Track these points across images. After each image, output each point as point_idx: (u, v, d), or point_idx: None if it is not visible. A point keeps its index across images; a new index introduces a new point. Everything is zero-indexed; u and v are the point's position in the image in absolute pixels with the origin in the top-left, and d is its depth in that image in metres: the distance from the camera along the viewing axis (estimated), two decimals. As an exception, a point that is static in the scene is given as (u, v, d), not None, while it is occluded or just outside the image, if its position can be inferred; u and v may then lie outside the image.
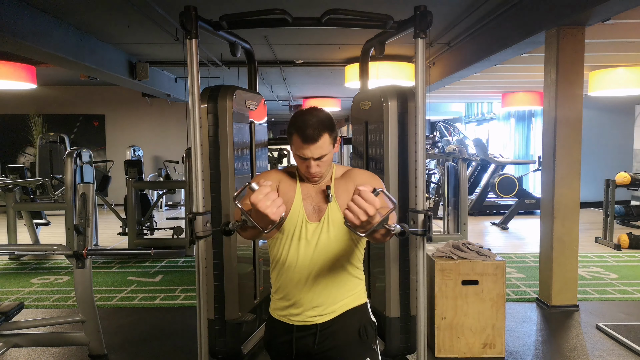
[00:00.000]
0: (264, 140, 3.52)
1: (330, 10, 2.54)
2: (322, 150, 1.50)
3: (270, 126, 17.43)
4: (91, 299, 3.13)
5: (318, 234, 1.56)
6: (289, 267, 1.58)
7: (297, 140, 1.50)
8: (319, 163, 1.52)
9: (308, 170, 1.54)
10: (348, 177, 1.63)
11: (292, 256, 1.57)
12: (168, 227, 6.71)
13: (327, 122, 1.51)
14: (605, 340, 3.51)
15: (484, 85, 8.53)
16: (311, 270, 1.56)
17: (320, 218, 1.57)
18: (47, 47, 4.66)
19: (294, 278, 1.58)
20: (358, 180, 1.62)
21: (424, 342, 2.54)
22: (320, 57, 6.92)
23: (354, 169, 1.69)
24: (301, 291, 1.57)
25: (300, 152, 1.51)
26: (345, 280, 1.61)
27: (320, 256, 1.56)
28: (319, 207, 1.58)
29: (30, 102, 10.58)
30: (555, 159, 4.07)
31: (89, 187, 3.24)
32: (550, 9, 3.87)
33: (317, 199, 1.60)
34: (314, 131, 1.47)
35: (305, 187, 1.62)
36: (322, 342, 1.58)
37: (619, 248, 6.25)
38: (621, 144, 9.85)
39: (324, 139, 1.49)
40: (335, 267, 1.58)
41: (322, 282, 1.57)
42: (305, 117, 1.50)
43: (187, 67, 2.38)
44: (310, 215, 1.58)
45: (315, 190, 1.61)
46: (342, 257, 1.59)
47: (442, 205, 7.05)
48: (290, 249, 1.57)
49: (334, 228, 1.56)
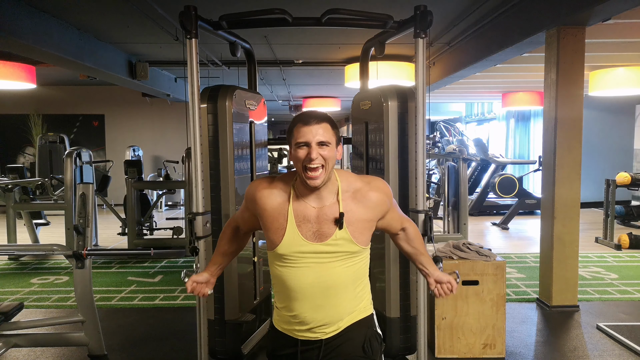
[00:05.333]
0: (264, 140, 3.52)
1: (331, 10, 2.54)
2: (324, 137, 1.44)
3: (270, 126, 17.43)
4: (91, 299, 3.12)
5: (321, 257, 1.48)
6: (291, 289, 1.51)
7: (298, 129, 1.45)
8: (321, 152, 1.43)
9: (309, 157, 1.42)
10: (362, 203, 1.51)
11: (292, 279, 1.50)
12: (168, 227, 6.70)
13: (329, 118, 1.50)
14: (606, 340, 3.51)
15: (484, 85, 8.52)
16: (315, 291, 1.49)
17: (323, 240, 1.47)
18: (47, 47, 4.66)
19: (297, 298, 1.51)
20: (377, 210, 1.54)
21: (424, 343, 2.54)
22: (320, 57, 6.92)
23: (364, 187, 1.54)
24: (306, 312, 1.51)
25: (302, 137, 1.44)
26: (351, 297, 1.55)
27: (325, 278, 1.49)
28: (321, 233, 1.47)
29: (30, 102, 10.57)
30: (555, 159, 4.07)
31: (89, 187, 3.23)
32: (550, 8, 3.87)
33: (319, 225, 1.48)
34: (316, 117, 1.46)
35: (300, 207, 1.49)
36: (326, 355, 1.54)
37: (620, 248, 6.25)
38: (621, 144, 9.85)
39: (326, 127, 1.46)
40: (342, 287, 1.52)
41: (328, 302, 1.51)
42: (306, 112, 1.51)
43: (187, 67, 2.38)
44: (309, 237, 1.48)
45: (315, 214, 1.48)
46: (349, 276, 1.52)
47: (442, 205, 7.04)
48: (290, 272, 1.50)
49: (340, 251, 1.48)
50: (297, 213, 1.48)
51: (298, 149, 1.45)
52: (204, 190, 2.56)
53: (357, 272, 1.54)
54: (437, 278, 1.70)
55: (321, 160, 1.43)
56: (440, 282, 1.69)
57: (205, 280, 1.75)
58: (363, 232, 1.52)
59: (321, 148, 1.43)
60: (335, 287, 1.50)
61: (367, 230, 1.54)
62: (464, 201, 6.39)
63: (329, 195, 1.50)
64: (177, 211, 10.11)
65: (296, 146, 1.45)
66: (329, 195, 1.50)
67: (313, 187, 1.45)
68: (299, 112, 1.57)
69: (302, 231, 1.47)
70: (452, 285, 1.69)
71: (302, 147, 1.44)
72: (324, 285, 1.49)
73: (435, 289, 1.70)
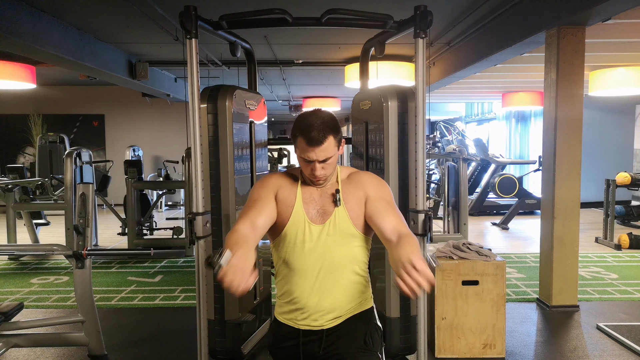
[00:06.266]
0: (264, 140, 3.52)
1: (331, 10, 2.54)
2: (327, 153, 1.49)
3: (270, 126, 17.43)
4: (91, 299, 3.12)
5: (323, 236, 1.55)
6: (293, 271, 1.56)
7: (301, 143, 1.49)
8: (324, 166, 1.51)
9: (313, 173, 1.52)
10: (356, 182, 1.61)
11: (296, 260, 1.55)
12: (168, 227, 6.70)
13: (331, 124, 1.49)
14: (606, 340, 3.51)
15: (484, 85, 8.52)
16: (316, 273, 1.54)
17: (325, 221, 1.56)
18: (47, 47, 4.66)
19: (299, 282, 1.55)
20: (367, 187, 1.60)
21: (424, 343, 2.54)
22: (320, 57, 6.92)
23: (360, 172, 1.67)
24: (307, 296, 1.55)
25: (305, 155, 1.49)
26: (351, 285, 1.59)
27: (325, 259, 1.54)
28: (324, 211, 1.57)
29: (29, 102, 10.57)
30: (555, 159, 4.07)
31: (89, 187, 3.23)
32: (550, 8, 3.87)
33: (322, 202, 1.58)
34: (319, 133, 1.46)
35: (307, 190, 1.59)
36: (327, 347, 1.56)
37: (620, 248, 6.25)
38: (621, 144, 9.85)
39: (329, 142, 1.48)
40: (341, 270, 1.56)
41: (327, 286, 1.55)
42: (309, 119, 1.49)
43: (187, 67, 2.38)
44: (313, 218, 1.56)
45: (318, 193, 1.59)
46: (347, 260, 1.57)
47: (442, 205, 7.04)
48: (294, 252, 1.56)
49: (339, 231, 1.55)
50: (304, 194, 1.59)
51: (303, 159, 1.54)
52: (204, 190, 2.56)
53: (355, 256, 1.59)
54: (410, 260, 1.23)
55: (324, 172, 1.54)
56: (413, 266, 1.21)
57: (247, 267, 1.24)
58: (358, 213, 1.58)
59: (324, 163, 1.52)
60: (335, 269, 1.56)
61: (361, 210, 1.59)
62: (464, 201, 6.39)
63: (331, 179, 1.62)
64: (177, 211, 10.11)
65: (301, 157, 1.54)
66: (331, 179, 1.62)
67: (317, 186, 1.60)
68: (302, 113, 1.56)
69: (308, 210, 1.56)
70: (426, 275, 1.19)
71: (307, 162, 1.53)
72: (325, 267, 1.55)
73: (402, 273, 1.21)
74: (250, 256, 1.29)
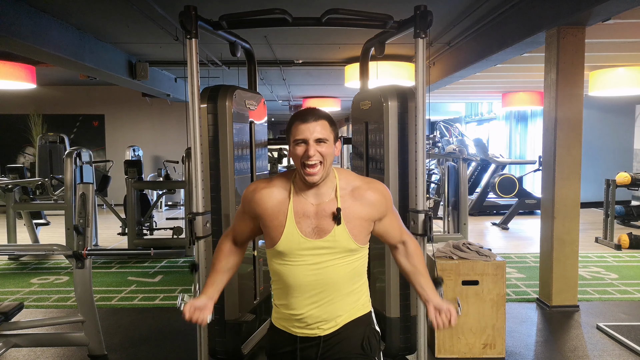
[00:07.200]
0: (263, 140, 3.52)
1: (331, 10, 2.54)
2: (322, 134, 1.45)
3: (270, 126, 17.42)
4: (91, 299, 3.13)
5: (320, 254, 1.49)
6: (290, 288, 1.52)
7: (296, 126, 1.47)
8: (319, 149, 1.44)
9: (307, 155, 1.43)
10: (360, 200, 1.52)
11: (292, 278, 1.51)
12: (168, 227, 6.71)
13: (327, 115, 1.51)
14: (606, 340, 3.51)
15: (484, 85, 8.52)
16: (313, 290, 1.51)
17: (322, 237, 1.49)
18: (47, 47, 4.66)
19: (295, 295, 1.52)
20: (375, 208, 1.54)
21: (424, 342, 2.54)
22: (320, 57, 6.92)
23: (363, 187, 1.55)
24: (305, 308, 1.52)
25: (299, 134, 1.45)
26: (349, 294, 1.56)
27: (323, 275, 1.50)
28: (320, 229, 1.49)
29: (29, 102, 10.58)
30: (555, 159, 4.07)
31: (89, 187, 3.23)
32: (550, 8, 3.87)
33: (318, 220, 1.49)
34: (313, 115, 1.47)
35: (300, 202, 1.50)
36: (325, 353, 1.54)
37: (620, 248, 6.25)
38: (621, 144, 9.85)
39: (324, 124, 1.47)
40: (340, 284, 1.52)
41: (326, 300, 1.52)
42: (304, 109, 1.52)
43: (187, 67, 2.38)
44: (308, 234, 1.49)
45: (314, 210, 1.49)
46: (347, 274, 1.53)
47: (442, 205, 7.04)
48: (290, 271, 1.51)
49: (339, 248, 1.49)
50: (296, 209, 1.50)
51: (296, 146, 1.46)
52: (204, 190, 2.55)
53: (355, 270, 1.55)
54: (436, 305, 1.58)
55: (319, 157, 1.44)
56: (440, 310, 1.57)
57: (203, 305, 1.58)
58: (361, 230, 1.53)
59: (319, 145, 1.45)
60: (334, 284, 1.51)
61: (365, 229, 1.55)
62: (464, 201, 6.38)
63: (328, 191, 1.51)
64: (177, 211, 10.11)
65: (294, 143, 1.47)
66: (328, 192, 1.51)
67: (312, 183, 1.47)
68: (297, 110, 1.57)
69: (301, 227, 1.49)
70: (451, 314, 1.56)
71: (300, 144, 1.46)
72: (323, 282, 1.50)
73: (434, 318, 1.57)
74: (211, 298, 1.62)
